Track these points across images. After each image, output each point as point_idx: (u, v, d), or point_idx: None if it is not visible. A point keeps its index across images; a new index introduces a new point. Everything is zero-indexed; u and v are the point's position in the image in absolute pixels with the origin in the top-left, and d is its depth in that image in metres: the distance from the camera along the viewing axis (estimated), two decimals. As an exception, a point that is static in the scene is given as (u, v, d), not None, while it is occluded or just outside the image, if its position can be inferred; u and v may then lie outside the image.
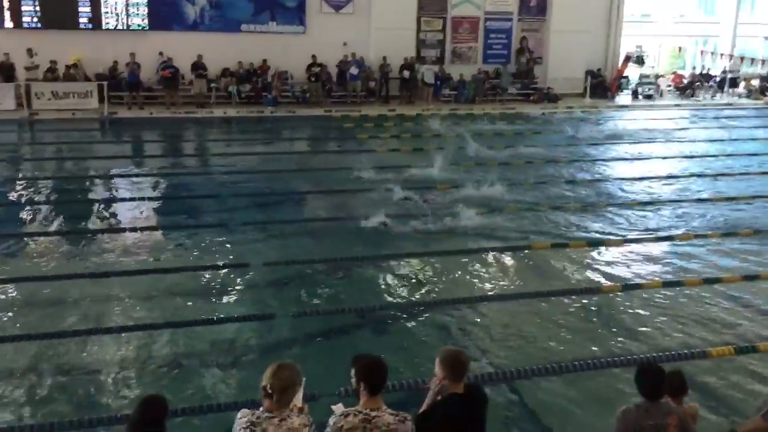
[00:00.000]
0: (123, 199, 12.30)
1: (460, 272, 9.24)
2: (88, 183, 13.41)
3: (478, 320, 7.83)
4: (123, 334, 7.27)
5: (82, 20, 21.94)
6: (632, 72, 28.68)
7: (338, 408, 3.92)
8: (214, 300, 8.27)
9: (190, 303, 8.18)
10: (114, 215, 11.50)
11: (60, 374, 6.50)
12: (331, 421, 3.79)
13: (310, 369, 6.47)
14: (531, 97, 25.60)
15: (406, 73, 23.98)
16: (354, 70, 23.42)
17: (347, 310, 7.96)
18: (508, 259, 9.78)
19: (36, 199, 12.23)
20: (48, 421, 5.65)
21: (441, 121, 20.27)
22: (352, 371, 3.86)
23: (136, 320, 7.61)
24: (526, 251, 10.04)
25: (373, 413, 3.76)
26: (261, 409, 3.80)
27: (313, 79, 23.17)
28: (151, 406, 3.81)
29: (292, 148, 14.98)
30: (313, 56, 23.06)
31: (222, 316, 7.79)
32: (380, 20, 24.12)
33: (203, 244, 10.05)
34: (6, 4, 21.23)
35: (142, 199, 12.25)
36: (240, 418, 3.76)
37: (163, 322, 7.52)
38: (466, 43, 26.05)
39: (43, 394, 6.18)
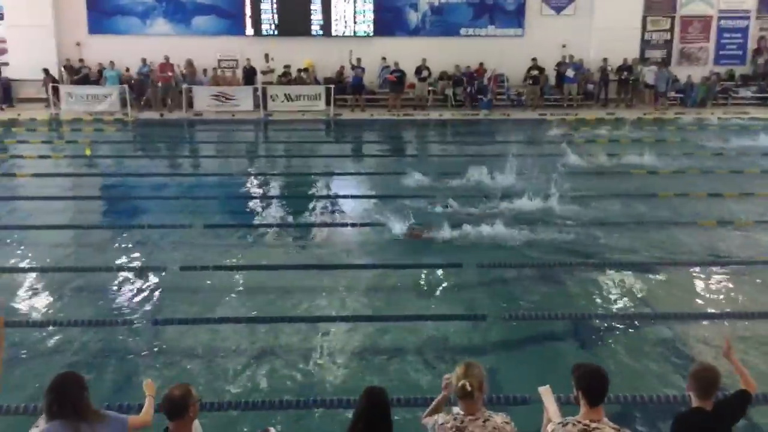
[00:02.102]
0: (346, 196, 12.97)
1: (681, 285, 8.76)
2: (313, 179, 14.27)
3: (702, 335, 7.39)
4: (340, 323, 7.76)
5: (314, 27, 23.52)
6: None
7: (546, 390, 3.93)
8: (427, 297, 8.54)
9: (405, 298, 8.52)
10: (339, 210, 12.18)
11: (282, 356, 7.05)
12: (550, 428, 3.78)
13: (520, 373, 6.58)
14: (769, 102, 23.48)
15: (625, 75, 23.02)
16: (570, 73, 22.89)
17: (559, 317, 7.85)
18: (731, 275, 9.11)
19: (268, 193, 13.31)
20: (272, 399, 6.16)
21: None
22: (573, 379, 3.82)
23: (353, 311, 8.08)
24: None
25: (593, 425, 3.65)
26: (457, 411, 3.85)
27: (530, 82, 22.99)
28: (376, 397, 3.92)
29: (504, 151, 14.94)
30: (534, 59, 22.87)
31: (435, 313, 8.03)
32: (602, 20, 23.37)
33: (418, 243, 10.38)
34: (248, 12, 23.30)
35: (363, 196, 12.86)
36: (442, 423, 3.84)
37: (380, 314, 7.92)
38: (695, 44, 24.47)
39: (265, 372, 6.75)
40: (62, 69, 22.57)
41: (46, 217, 11.33)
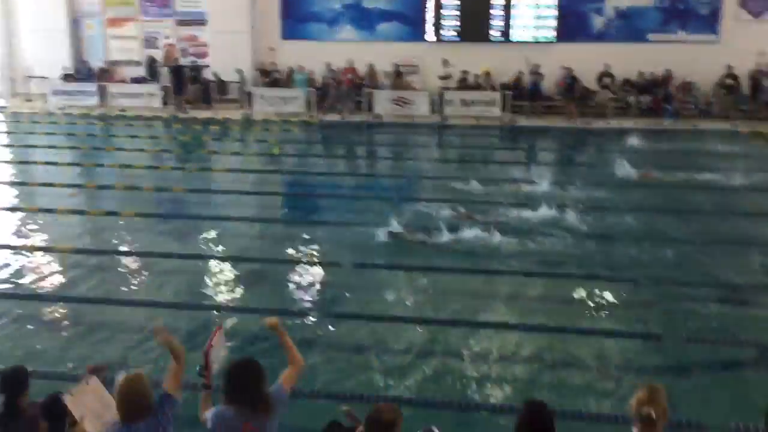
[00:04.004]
0: (520, 205, 12.82)
1: None
2: (485, 185, 14.16)
3: None
4: (508, 331, 7.75)
5: (494, 33, 23.49)
6: None
7: None
8: (595, 311, 8.32)
9: (576, 310, 8.35)
10: (508, 217, 12.07)
11: (446, 358, 7.19)
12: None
13: (696, 400, 6.24)
14: None
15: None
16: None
17: (744, 343, 7.36)
18: None
19: (442, 196, 13.42)
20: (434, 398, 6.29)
21: None
22: (765, 421, 3.58)
23: (522, 319, 8.04)
24: None
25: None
26: None
27: (724, 91, 21.55)
28: (537, 410, 3.85)
29: (689, 164, 14.20)
30: (729, 66, 21.43)
31: (606, 328, 7.80)
32: (808, 26, 21.43)
33: (586, 253, 10.14)
34: (430, 20, 23.72)
35: (537, 207, 12.66)
36: None
37: (549, 325, 7.84)
38: None
39: (429, 372, 6.88)
40: (256, 72, 24.16)
41: (235, 209, 12.21)
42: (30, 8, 25.15)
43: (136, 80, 24.51)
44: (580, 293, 8.77)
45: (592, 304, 8.46)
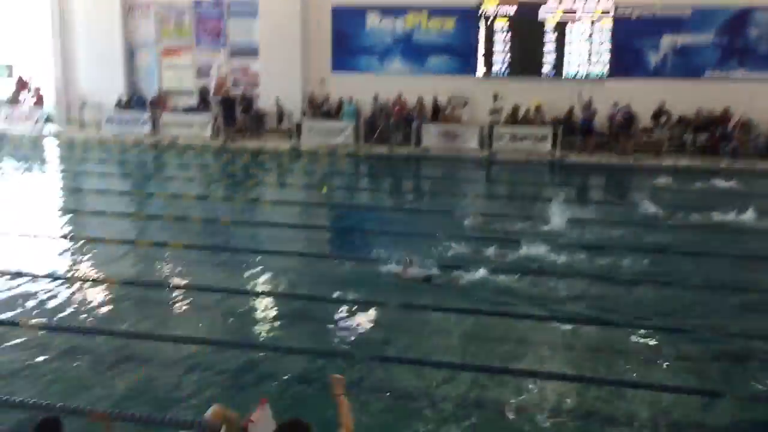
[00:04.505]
0: (566, 246, 12.46)
1: None
2: (533, 223, 13.83)
3: None
4: (556, 381, 7.42)
5: (546, 68, 23.27)
6: None
7: None
8: (646, 361, 7.93)
9: (626, 360, 7.98)
10: (556, 259, 11.72)
11: (490, 408, 6.92)
12: None
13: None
14: None
15: None
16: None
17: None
18: None
19: (488, 235, 13.14)
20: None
21: None
22: None
23: (572, 368, 7.71)
24: None
25: None
26: None
27: (784, 130, 20.93)
28: None
29: (750, 206, 13.66)
30: (789, 104, 20.85)
31: (659, 382, 7.42)
32: None
33: (639, 299, 9.74)
34: (481, 53, 23.62)
35: (585, 248, 12.29)
36: None
37: (600, 377, 7.50)
38: None
39: (470, 422, 6.61)
40: (305, 103, 24.31)
41: (280, 243, 12.10)
42: (87, 36, 25.85)
43: (188, 110, 24.88)
44: (633, 343, 8.40)
45: (647, 355, 8.08)
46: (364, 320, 9.11)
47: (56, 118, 25.57)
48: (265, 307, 9.56)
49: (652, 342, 8.41)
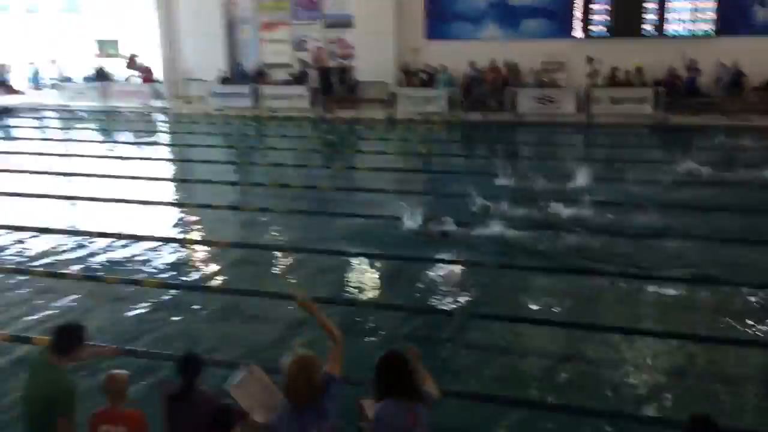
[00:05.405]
0: (671, 205, 12.20)
1: None
2: (638, 187, 13.57)
3: None
4: (659, 339, 7.46)
5: (646, 27, 22.50)
6: None
7: None
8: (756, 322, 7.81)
9: (724, 319, 7.91)
10: (662, 224, 11.50)
11: (591, 365, 7.08)
12: None
13: None
14: None
15: None
16: None
17: None
18: None
19: (592, 198, 12.98)
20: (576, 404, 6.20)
21: None
22: None
23: (675, 327, 7.70)
24: None
25: None
26: None
27: None
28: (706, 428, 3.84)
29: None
30: None
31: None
32: None
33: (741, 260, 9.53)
34: (578, 15, 23.06)
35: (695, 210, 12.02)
36: None
37: (707, 335, 7.52)
38: None
39: (569, 378, 6.74)
40: (400, 72, 24.48)
41: (377, 208, 12.38)
42: (189, 14, 26.84)
43: (287, 82, 25.53)
44: (733, 301, 8.28)
45: (751, 314, 7.95)
46: (460, 279, 9.35)
47: (163, 93, 26.80)
48: (361, 267, 9.93)
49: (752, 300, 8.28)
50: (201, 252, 10.84)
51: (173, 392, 4.57)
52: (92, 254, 10.50)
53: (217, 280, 9.55)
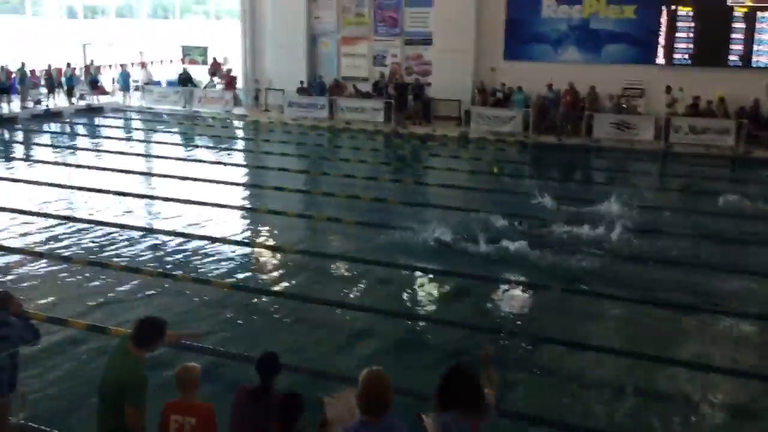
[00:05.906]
0: (744, 241, 11.88)
1: None
2: (712, 221, 13.26)
3: None
4: (724, 375, 7.29)
5: (732, 58, 21.94)
6: None
7: None
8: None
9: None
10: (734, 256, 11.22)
11: (654, 398, 6.97)
12: None
13: None
14: None
15: None
16: None
17: None
18: None
19: (662, 229, 12.74)
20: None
21: None
22: None
23: (741, 363, 7.53)
24: None
25: None
26: None
27: None
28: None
29: None
30: None
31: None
32: None
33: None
34: (662, 42, 22.65)
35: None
36: None
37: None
38: None
39: (633, 411, 6.68)
40: (475, 91, 24.51)
41: (443, 225, 12.38)
42: (275, 26, 27.55)
43: (363, 95, 25.89)
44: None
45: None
46: (525, 301, 9.33)
47: (243, 100, 27.51)
48: (427, 282, 10.01)
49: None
50: (268, 257, 11.12)
51: (250, 390, 4.71)
52: (167, 253, 10.93)
53: (283, 286, 9.79)
